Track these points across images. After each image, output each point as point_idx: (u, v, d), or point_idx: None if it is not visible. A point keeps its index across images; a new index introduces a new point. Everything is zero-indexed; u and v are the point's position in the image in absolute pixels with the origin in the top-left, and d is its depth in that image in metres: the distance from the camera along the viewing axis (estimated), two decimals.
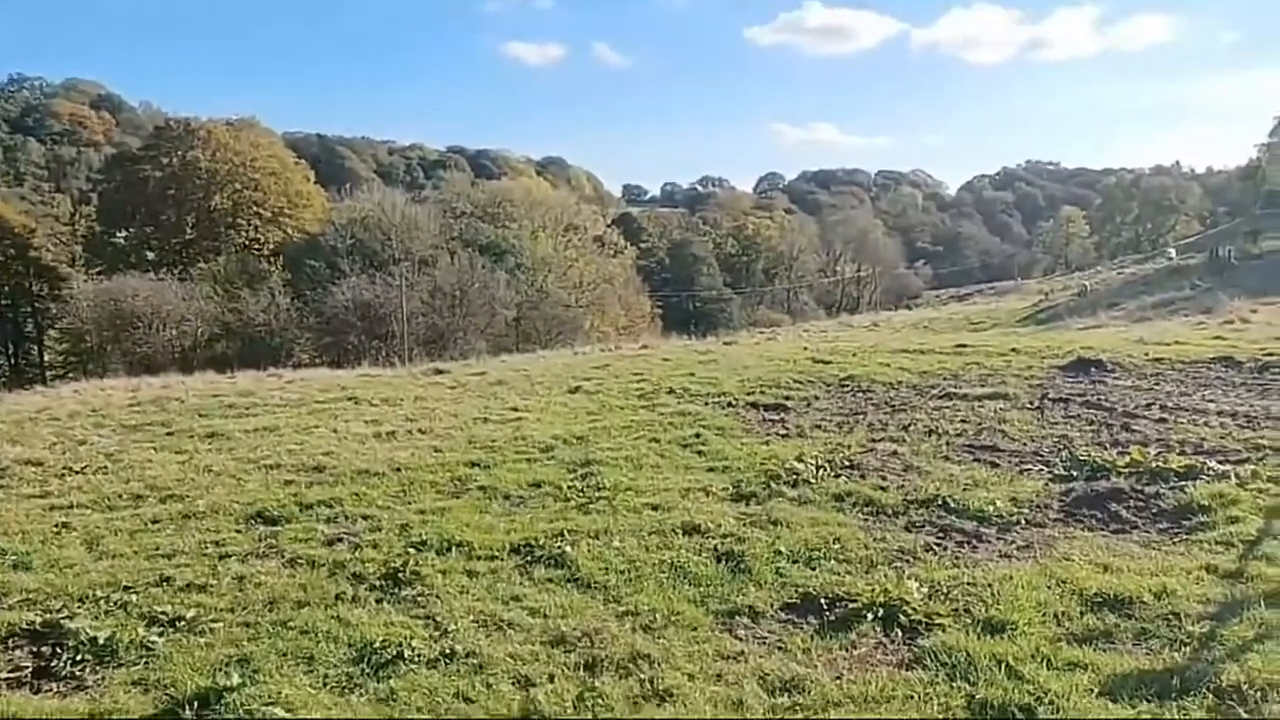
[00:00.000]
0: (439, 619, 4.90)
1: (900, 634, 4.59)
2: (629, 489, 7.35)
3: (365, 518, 6.87)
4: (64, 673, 4.44)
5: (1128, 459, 7.50)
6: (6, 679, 4.40)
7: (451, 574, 5.58)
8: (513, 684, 4.15)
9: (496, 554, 5.94)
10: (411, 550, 5.99)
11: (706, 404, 11.19)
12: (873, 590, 4.98)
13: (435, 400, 12.63)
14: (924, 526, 6.26)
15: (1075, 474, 7.37)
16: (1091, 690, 3.88)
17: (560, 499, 7.23)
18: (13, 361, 57.75)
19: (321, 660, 4.45)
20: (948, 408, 10.44)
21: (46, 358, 57.77)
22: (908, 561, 5.58)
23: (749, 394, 11.69)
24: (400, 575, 5.54)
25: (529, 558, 5.85)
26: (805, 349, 18.16)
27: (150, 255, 61.25)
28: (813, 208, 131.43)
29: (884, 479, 7.36)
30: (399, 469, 8.36)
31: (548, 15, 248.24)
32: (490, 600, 5.17)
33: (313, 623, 4.89)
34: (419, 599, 5.23)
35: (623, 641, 4.51)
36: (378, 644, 4.54)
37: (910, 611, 4.73)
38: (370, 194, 61.34)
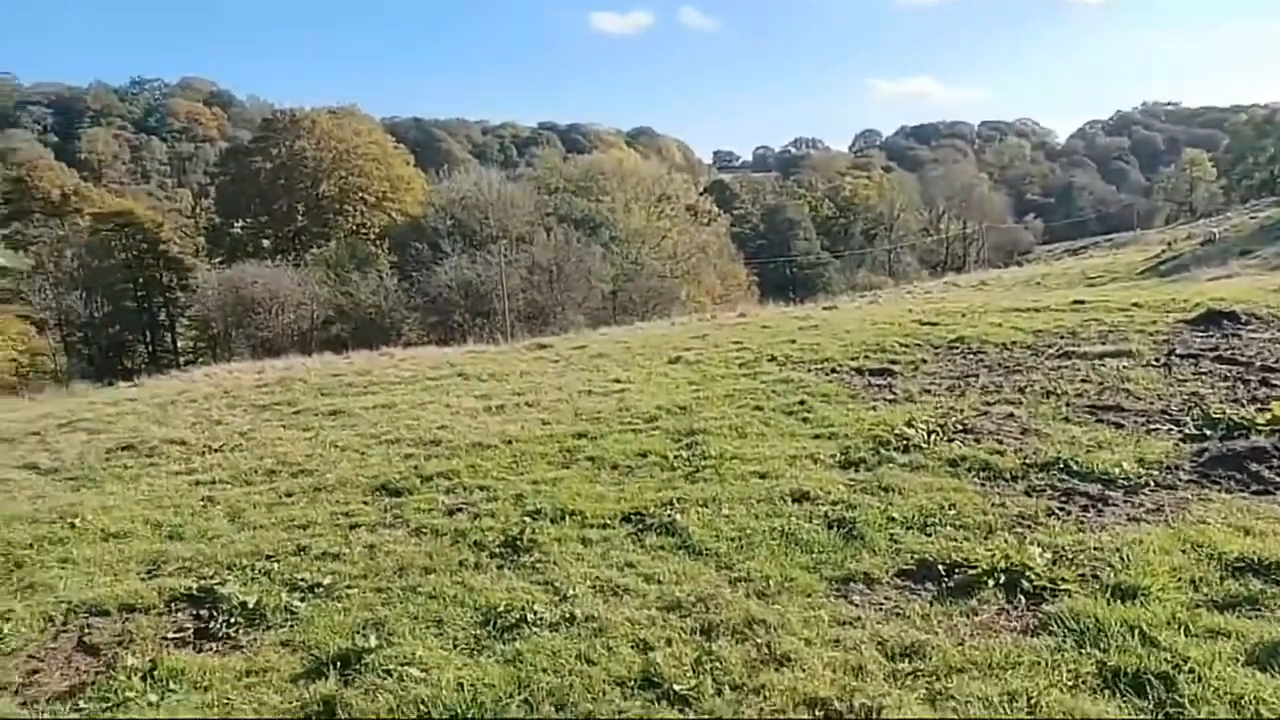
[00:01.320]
0: (557, 584, 5.06)
1: (1024, 600, 4.47)
2: (735, 457, 7.37)
3: (482, 488, 7.13)
4: (221, 634, 4.82)
5: (1269, 415, 7.04)
6: (173, 638, 4.80)
7: (566, 541, 5.75)
8: (632, 647, 4.26)
9: (608, 522, 6.08)
10: (527, 519, 6.20)
11: (809, 371, 11.06)
12: (993, 556, 4.86)
13: (540, 374, 12.91)
14: (1045, 490, 6.05)
15: (1209, 433, 6.97)
16: (1236, 659, 3.70)
17: (667, 468, 7.32)
18: (150, 349, 62.01)
19: (450, 624, 4.67)
20: (1066, 367, 10.00)
21: (179, 344, 61.78)
22: (1029, 527, 5.42)
23: (853, 359, 11.49)
24: (518, 543, 5.75)
25: (640, 526, 5.97)
26: (910, 311, 17.67)
27: (266, 243, 64.55)
28: (912, 164, 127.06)
29: (1000, 443, 7.13)
30: (510, 441, 8.62)
31: None
32: (605, 567, 5.31)
33: (440, 588, 5.14)
34: (537, 565, 5.41)
35: (738, 607, 4.56)
36: (501, 608, 4.74)
37: (1033, 577, 4.61)
38: (467, 175, 62.68)
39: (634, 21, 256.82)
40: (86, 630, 4.95)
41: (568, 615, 4.64)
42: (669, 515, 5.99)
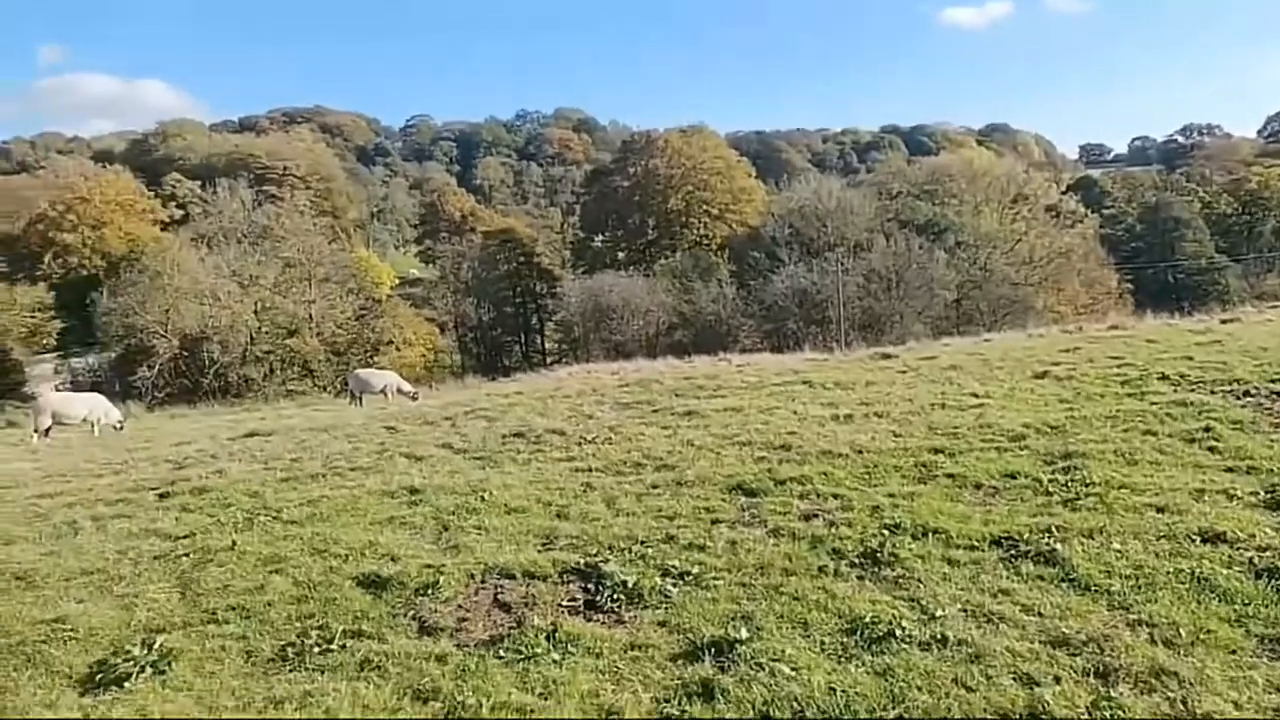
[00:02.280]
0: (924, 603, 4.91)
1: None
2: (1123, 486, 6.58)
3: (835, 496, 7.12)
4: (606, 607, 5.35)
5: None
6: (567, 606, 5.43)
7: (930, 560, 5.55)
8: (1013, 679, 4.00)
9: (976, 544, 5.75)
10: (885, 532, 6.08)
11: (1213, 393, 9.52)
12: None
13: (887, 384, 12.57)
14: None
15: None
16: None
17: (1040, 492, 6.75)
18: (524, 349, 70.60)
19: (815, 627, 4.74)
20: None
21: (546, 345, 69.55)
22: None
23: (1272, 381, 9.68)
24: (879, 555, 5.66)
25: (1013, 551, 5.57)
26: None
27: (620, 255, 70.26)
28: None
29: None
30: (860, 451, 8.50)
31: None
32: (975, 591, 5.04)
33: (801, 591, 5.23)
34: (900, 581, 5.29)
35: (1140, 653, 4.08)
36: (867, 619, 4.70)
37: None
38: (806, 183, 62.99)
39: (989, 14, 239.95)
40: (500, 590, 5.78)
41: (938, 636, 4.48)
42: (1047, 544, 5.52)
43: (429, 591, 5.76)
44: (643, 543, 6.35)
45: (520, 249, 69.12)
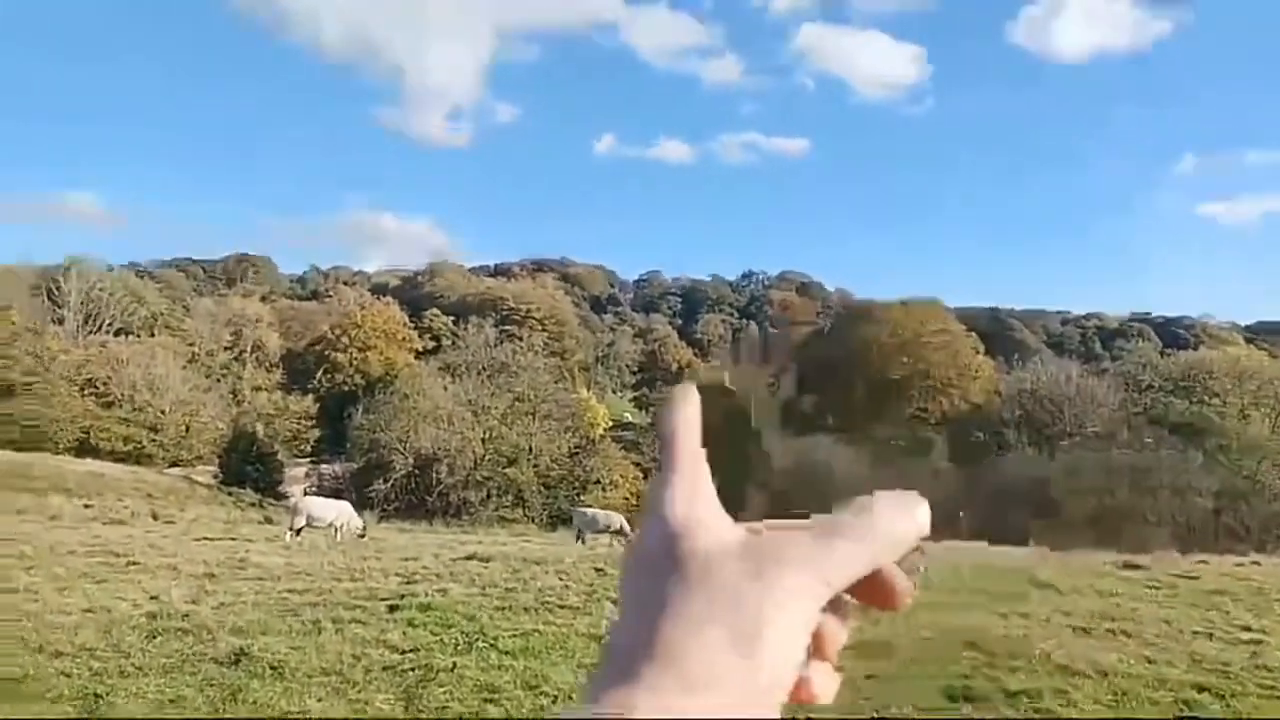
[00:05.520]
0: None
1: None
2: None
3: None
4: None
5: None
6: None
7: None
8: None
9: None
10: None
11: None
12: None
13: (1133, 599, 11.30)
14: None
15: None
16: None
17: None
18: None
19: None
20: None
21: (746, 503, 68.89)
22: None
23: None
24: None
25: None
26: None
27: (830, 420, 69.22)
28: None
29: None
30: (1104, 673, 7.63)
31: (1251, 172, 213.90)
32: None
33: None
34: None
35: None
36: None
37: None
38: (1042, 366, 59.77)
39: (1242, 211, 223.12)
40: None
41: None
42: None
43: None
44: None
45: (732, 403, 70.10)
